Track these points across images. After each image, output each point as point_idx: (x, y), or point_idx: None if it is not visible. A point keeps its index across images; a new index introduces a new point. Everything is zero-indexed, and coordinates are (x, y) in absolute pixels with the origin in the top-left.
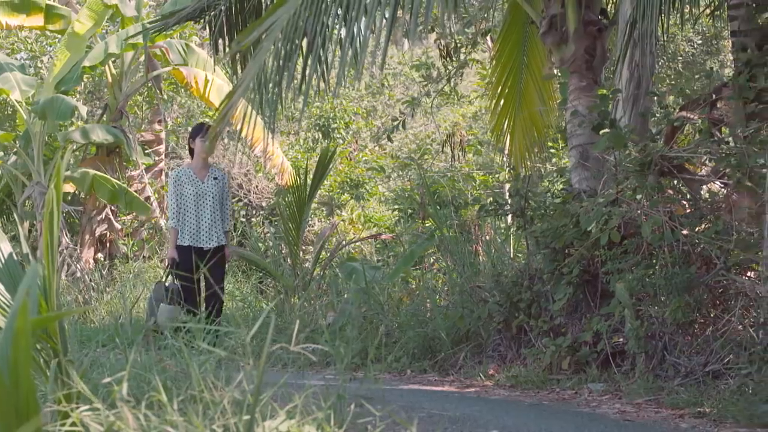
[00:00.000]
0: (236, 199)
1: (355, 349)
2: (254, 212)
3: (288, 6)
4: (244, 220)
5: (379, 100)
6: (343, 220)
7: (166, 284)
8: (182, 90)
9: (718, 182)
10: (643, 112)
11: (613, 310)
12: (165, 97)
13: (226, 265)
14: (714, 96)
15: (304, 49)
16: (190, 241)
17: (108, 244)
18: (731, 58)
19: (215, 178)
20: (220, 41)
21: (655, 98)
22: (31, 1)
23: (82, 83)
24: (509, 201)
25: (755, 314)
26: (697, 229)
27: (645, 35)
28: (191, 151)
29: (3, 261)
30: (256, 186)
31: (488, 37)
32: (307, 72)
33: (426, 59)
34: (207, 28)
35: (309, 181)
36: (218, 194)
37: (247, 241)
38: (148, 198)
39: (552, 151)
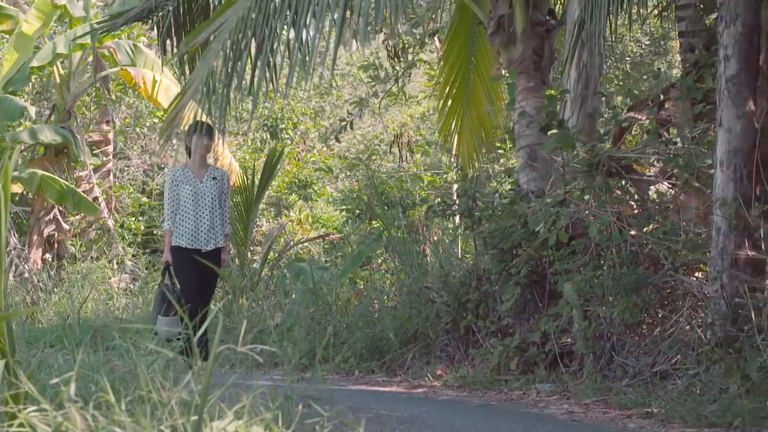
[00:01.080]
0: None
1: (303, 349)
2: None
3: (237, 7)
4: None
5: (327, 100)
6: (291, 221)
7: (166, 284)
8: (130, 90)
9: (666, 183)
10: (591, 113)
11: (561, 311)
12: (113, 97)
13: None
14: (662, 97)
15: (253, 51)
16: (188, 243)
17: (56, 245)
18: (679, 58)
19: (214, 178)
20: (168, 42)
21: (603, 99)
22: None
23: (30, 84)
24: (457, 201)
25: (703, 314)
26: (645, 229)
27: (593, 36)
28: (188, 150)
29: None
30: None
31: (436, 38)
32: (256, 73)
33: (374, 60)
34: (155, 28)
35: (257, 182)
36: (217, 195)
37: None
38: (96, 198)
39: (500, 151)
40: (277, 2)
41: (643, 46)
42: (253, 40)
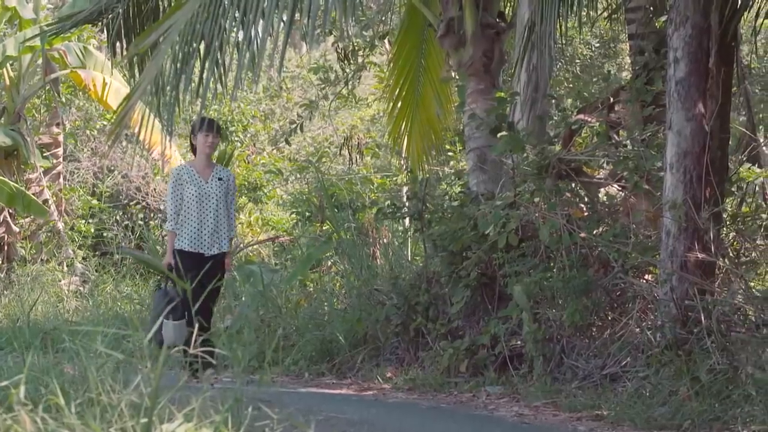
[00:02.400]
0: (134, 202)
1: (253, 352)
2: (152, 215)
3: (185, 9)
4: (142, 223)
5: (277, 103)
6: (240, 223)
7: (167, 289)
8: (80, 93)
9: (615, 185)
10: (540, 115)
11: (510, 313)
12: (63, 100)
13: (225, 277)
14: (611, 99)
15: (202, 53)
16: (191, 246)
17: (6, 248)
18: (629, 61)
19: (220, 179)
20: (118, 44)
21: (553, 101)
22: None
23: None
24: (407, 204)
25: (653, 317)
26: (594, 232)
27: (543, 38)
28: (193, 148)
29: None
30: (154, 189)
31: (386, 40)
32: (205, 75)
33: (324, 62)
34: (105, 31)
35: None
36: (223, 196)
37: (144, 243)
38: (46, 201)
39: (450, 153)
40: (226, 4)
41: (593, 49)
42: (201, 41)
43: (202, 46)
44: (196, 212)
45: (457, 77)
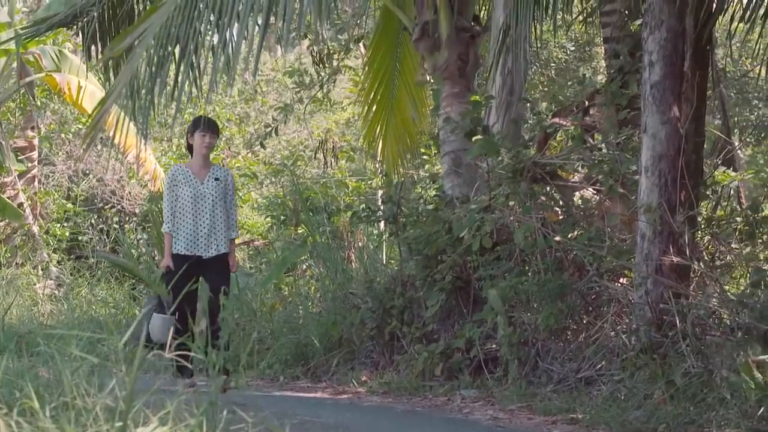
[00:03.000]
0: (109, 205)
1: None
2: (127, 219)
3: (160, 13)
4: (117, 226)
5: (252, 106)
6: None
7: (162, 295)
8: (55, 96)
9: (590, 189)
10: (515, 119)
11: (485, 317)
12: (38, 103)
13: (230, 279)
14: (586, 103)
15: (177, 56)
16: (186, 249)
17: None
18: (604, 64)
19: (216, 179)
20: (93, 48)
21: (528, 105)
22: None
23: None
24: (382, 207)
25: (628, 320)
26: (569, 235)
27: (518, 41)
28: (190, 148)
29: None
30: (129, 192)
31: (361, 44)
32: (180, 78)
33: (299, 66)
34: (80, 34)
35: None
36: (220, 197)
37: (119, 247)
38: (21, 204)
39: (425, 157)
40: (201, 7)
41: (568, 52)
42: (176, 45)
43: (177, 50)
44: (192, 214)
45: (432, 81)
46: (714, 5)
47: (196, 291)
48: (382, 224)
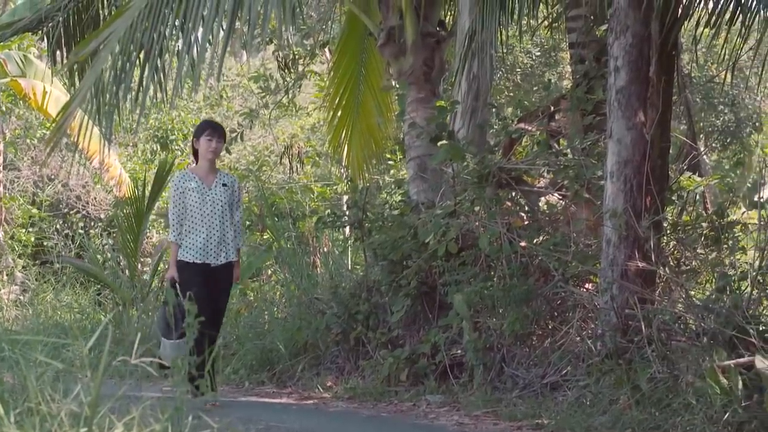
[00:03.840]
0: (74, 210)
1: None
2: (92, 224)
3: (125, 17)
4: (82, 231)
5: (218, 111)
6: None
7: (170, 308)
8: (20, 102)
9: (556, 194)
10: (481, 124)
11: (451, 322)
12: (3, 108)
13: (231, 289)
14: (552, 108)
15: (142, 60)
16: (196, 257)
17: None
18: (569, 70)
19: (224, 185)
20: (59, 52)
21: (494, 110)
22: None
23: None
24: (347, 213)
25: (593, 326)
26: (535, 240)
27: (483, 47)
28: (195, 153)
29: None
30: (94, 198)
31: (326, 49)
32: (144, 83)
33: (264, 71)
34: (45, 39)
35: (147, 193)
36: (228, 203)
37: (85, 252)
38: None
39: (390, 162)
40: (166, 12)
41: (534, 58)
42: (141, 49)
43: (141, 54)
44: (202, 221)
45: (397, 86)
46: (679, 11)
47: (211, 302)
48: (347, 229)
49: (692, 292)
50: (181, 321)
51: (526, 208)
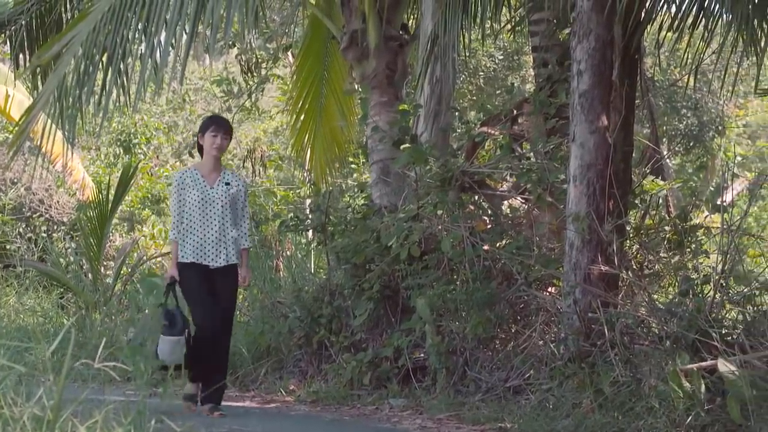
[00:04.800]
0: (38, 214)
1: (156, 364)
2: (55, 227)
3: (88, 21)
4: (45, 235)
5: (181, 115)
6: (144, 236)
7: (168, 308)
8: None
9: (519, 198)
10: (444, 128)
11: (414, 326)
12: None
13: (238, 292)
14: (515, 111)
15: (105, 64)
16: (193, 258)
17: None
18: (532, 73)
19: (227, 184)
20: (21, 56)
21: (456, 114)
22: None
23: None
24: (310, 216)
25: (556, 329)
26: (498, 244)
27: (446, 50)
28: (200, 149)
29: None
30: (57, 201)
31: (289, 53)
32: (108, 86)
33: (227, 74)
34: (8, 42)
35: (110, 197)
36: (230, 203)
37: (48, 256)
38: None
39: (353, 166)
40: (129, 15)
41: (497, 61)
42: (104, 52)
43: (104, 57)
44: (199, 220)
45: (360, 90)
46: (642, 14)
47: (213, 302)
48: (310, 233)
49: (655, 296)
50: (179, 318)
51: (489, 212)
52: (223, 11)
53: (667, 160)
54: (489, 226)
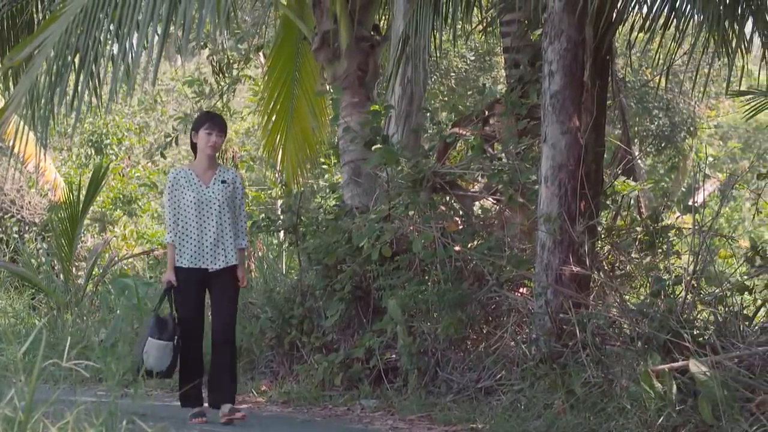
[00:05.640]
0: (9, 215)
1: (127, 365)
2: (27, 228)
3: (61, 22)
4: (16, 236)
5: (152, 116)
6: (115, 236)
7: (161, 315)
8: None
9: (490, 198)
10: (415, 129)
11: (385, 326)
12: None
13: (239, 295)
14: (486, 112)
15: (77, 65)
16: (191, 262)
17: None
18: (504, 74)
19: (223, 182)
20: None
21: (428, 114)
22: None
23: None
24: (281, 217)
25: (528, 330)
26: (469, 245)
27: (417, 51)
28: (193, 148)
29: None
30: (29, 202)
31: (261, 53)
32: (80, 88)
33: (199, 75)
34: None
35: (82, 197)
36: (227, 202)
37: (19, 257)
38: None
39: (324, 167)
40: (101, 17)
41: (468, 62)
42: (76, 54)
43: (77, 59)
44: (196, 222)
45: (331, 90)
46: (614, 15)
47: (203, 309)
48: (281, 234)
49: (627, 297)
50: (171, 324)
51: (461, 213)
52: (195, 12)
53: (639, 161)
54: (460, 227)
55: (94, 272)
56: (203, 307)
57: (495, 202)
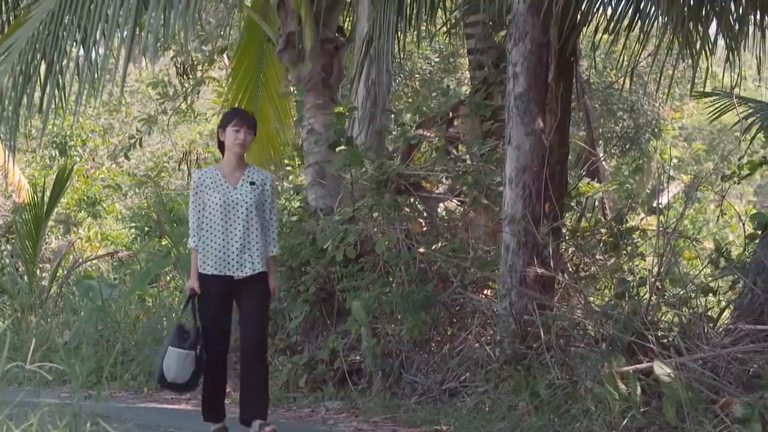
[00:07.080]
0: None
1: (91, 367)
2: None
3: (27, 27)
4: None
5: (117, 117)
6: (80, 238)
7: (185, 326)
8: None
9: (454, 200)
10: (379, 130)
11: (349, 328)
12: None
13: (269, 305)
14: (451, 114)
15: (43, 70)
16: (215, 269)
17: None
18: (468, 76)
19: (252, 183)
20: None
21: (392, 116)
22: None
23: None
24: None
25: (492, 332)
26: (433, 246)
27: (381, 53)
28: (221, 146)
29: None
30: None
31: (225, 55)
32: (47, 91)
33: (163, 77)
34: None
35: (46, 199)
36: (255, 205)
37: None
38: None
39: (288, 168)
40: (66, 21)
41: (433, 64)
42: (42, 59)
43: (43, 64)
44: (221, 226)
45: (295, 92)
46: (578, 17)
47: (230, 320)
48: None
49: (591, 298)
50: (193, 333)
51: (425, 214)
52: (162, 14)
53: (603, 163)
54: (425, 229)
55: (58, 274)
56: (229, 316)
57: (459, 203)
